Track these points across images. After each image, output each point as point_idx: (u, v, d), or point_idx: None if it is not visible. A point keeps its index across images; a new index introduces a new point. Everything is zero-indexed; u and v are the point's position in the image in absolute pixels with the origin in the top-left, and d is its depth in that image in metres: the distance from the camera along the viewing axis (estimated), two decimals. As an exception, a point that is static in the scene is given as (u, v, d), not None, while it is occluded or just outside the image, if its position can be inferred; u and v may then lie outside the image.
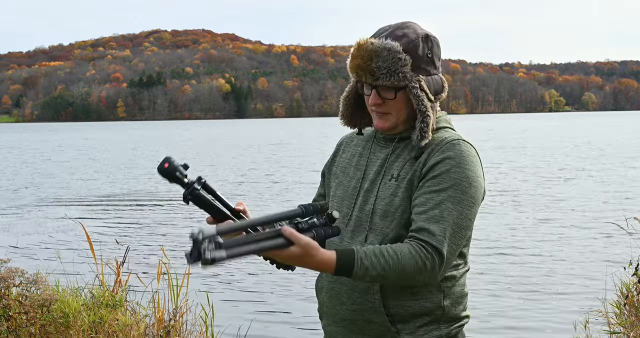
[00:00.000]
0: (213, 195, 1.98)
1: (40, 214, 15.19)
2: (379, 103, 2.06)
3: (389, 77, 2.00)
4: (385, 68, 2.00)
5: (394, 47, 2.00)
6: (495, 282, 8.47)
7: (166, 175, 1.90)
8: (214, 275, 9.09)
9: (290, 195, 17.69)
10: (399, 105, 2.06)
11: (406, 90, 2.04)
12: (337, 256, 1.87)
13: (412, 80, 2.02)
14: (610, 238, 10.78)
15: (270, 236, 1.78)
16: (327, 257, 1.85)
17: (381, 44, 2.00)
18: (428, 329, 2.05)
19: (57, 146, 50.85)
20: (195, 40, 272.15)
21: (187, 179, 1.92)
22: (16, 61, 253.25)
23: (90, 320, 4.45)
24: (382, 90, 2.04)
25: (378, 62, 2.00)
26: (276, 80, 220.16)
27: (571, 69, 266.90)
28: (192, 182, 1.92)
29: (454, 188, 1.97)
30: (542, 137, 49.83)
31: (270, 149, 41.37)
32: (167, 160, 1.89)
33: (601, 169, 23.66)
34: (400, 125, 2.10)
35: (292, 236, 1.79)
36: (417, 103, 2.03)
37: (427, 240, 1.93)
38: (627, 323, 4.78)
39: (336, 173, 2.25)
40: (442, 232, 1.93)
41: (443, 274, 1.97)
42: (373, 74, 2.01)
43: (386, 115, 2.08)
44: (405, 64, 2.00)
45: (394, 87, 2.03)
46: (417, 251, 1.91)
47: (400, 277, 1.90)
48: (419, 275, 1.92)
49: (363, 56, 2.01)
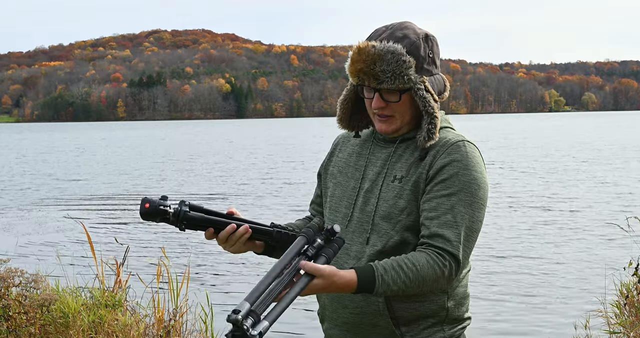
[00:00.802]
0: (203, 212, 1.96)
1: (40, 214, 15.19)
2: (382, 106, 2.03)
3: (393, 80, 1.98)
4: (389, 71, 1.97)
5: (398, 50, 1.98)
6: (495, 283, 8.47)
7: (151, 215, 1.88)
8: (214, 276, 9.09)
9: (290, 195, 17.68)
10: (402, 108, 2.04)
11: (410, 92, 2.02)
12: (358, 275, 1.85)
13: (416, 82, 2.00)
14: (610, 239, 10.78)
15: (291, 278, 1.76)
16: (348, 279, 1.84)
17: (384, 47, 1.98)
18: (432, 331, 2.04)
19: (57, 146, 50.84)
20: (195, 40, 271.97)
21: (172, 208, 1.90)
22: (16, 61, 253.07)
23: (90, 320, 4.45)
24: (385, 93, 2.02)
25: (382, 66, 1.97)
26: (276, 80, 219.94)
27: (571, 69, 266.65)
28: (178, 209, 1.91)
29: (464, 191, 1.96)
30: (542, 138, 49.80)
31: (269, 149, 41.37)
32: (145, 201, 1.88)
33: (601, 168, 23.65)
34: (404, 127, 2.08)
35: (313, 270, 1.77)
36: (424, 104, 2.01)
37: (444, 247, 1.92)
38: (627, 324, 4.77)
39: (333, 173, 2.23)
40: (457, 238, 1.92)
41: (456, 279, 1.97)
42: (377, 78, 1.99)
43: (390, 118, 2.06)
44: (410, 66, 1.98)
45: (399, 90, 2.01)
46: (435, 260, 1.90)
47: (420, 287, 1.91)
48: (437, 283, 1.93)
49: (365, 60, 1.99)
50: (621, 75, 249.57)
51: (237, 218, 2.02)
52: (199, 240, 11.21)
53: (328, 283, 1.80)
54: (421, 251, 1.92)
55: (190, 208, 1.92)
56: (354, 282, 1.84)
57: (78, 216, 14.39)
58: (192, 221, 1.92)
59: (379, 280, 1.85)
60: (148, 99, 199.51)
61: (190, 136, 67.81)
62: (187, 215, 1.91)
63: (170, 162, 31.17)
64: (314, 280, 1.78)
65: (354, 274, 1.85)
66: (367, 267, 1.87)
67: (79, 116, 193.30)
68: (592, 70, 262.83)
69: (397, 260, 1.89)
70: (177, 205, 1.91)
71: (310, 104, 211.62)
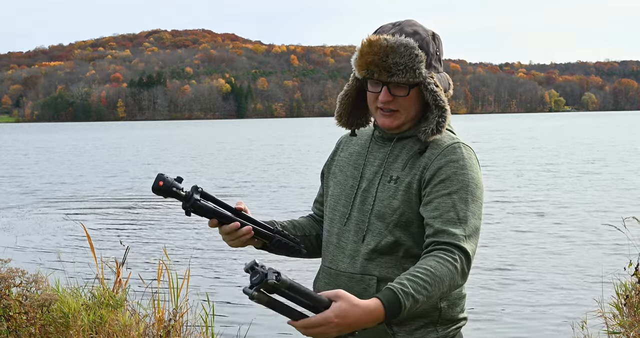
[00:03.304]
0: (213, 201, 1.99)
1: (40, 214, 15.20)
2: (389, 100, 2.03)
3: (405, 73, 1.98)
4: (402, 64, 1.98)
5: (410, 43, 1.99)
6: (494, 283, 8.48)
7: (162, 193, 1.89)
8: (215, 277, 9.10)
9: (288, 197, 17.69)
10: (408, 103, 2.05)
11: (418, 87, 2.03)
12: (379, 298, 1.77)
13: (426, 76, 2.01)
14: (610, 239, 10.78)
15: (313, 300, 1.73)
16: (369, 303, 1.75)
17: (397, 40, 1.98)
18: (425, 332, 2.03)
19: (56, 147, 50.84)
20: (195, 40, 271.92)
21: (184, 192, 1.91)
22: (16, 61, 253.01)
23: (90, 320, 4.46)
24: (393, 87, 2.03)
25: (395, 58, 1.98)
26: (276, 80, 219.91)
27: (571, 69, 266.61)
28: (190, 193, 1.92)
29: (463, 190, 1.97)
30: (542, 137, 49.78)
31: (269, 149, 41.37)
32: (160, 178, 1.88)
33: (601, 169, 23.65)
34: (408, 123, 2.08)
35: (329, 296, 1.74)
36: (434, 98, 2.01)
37: (450, 241, 1.90)
38: (626, 324, 4.78)
39: (335, 172, 2.24)
40: (462, 232, 1.92)
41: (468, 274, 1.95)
42: (389, 70, 1.98)
43: (394, 113, 2.06)
44: (421, 60, 1.99)
45: (408, 84, 2.01)
46: (444, 258, 1.87)
47: (440, 288, 1.84)
48: (454, 281, 1.88)
49: (377, 52, 1.98)
50: (621, 75, 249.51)
51: (243, 215, 2.05)
52: (199, 240, 11.22)
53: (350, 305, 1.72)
54: (427, 256, 1.90)
55: (201, 195, 1.94)
56: (379, 304, 1.75)
57: (78, 216, 14.41)
58: (199, 209, 1.94)
59: (401, 295, 1.76)
60: (148, 99, 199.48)
61: (190, 136, 67.81)
62: (197, 204, 1.93)
63: (170, 162, 31.19)
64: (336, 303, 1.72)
65: (374, 299, 1.77)
66: (384, 290, 1.79)
67: (79, 116, 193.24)
68: (592, 70, 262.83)
69: (409, 272, 1.84)
70: (190, 191, 1.93)
71: (310, 104, 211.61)
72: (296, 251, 2.16)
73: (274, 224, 2.19)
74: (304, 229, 2.29)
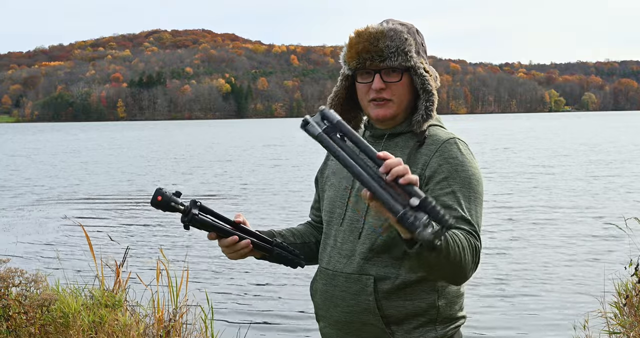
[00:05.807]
0: (212, 215, 2.00)
1: (40, 214, 15.19)
2: (382, 87, 2.03)
3: (397, 56, 1.99)
4: (394, 47, 1.99)
5: (399, 28, 2.01)
6: (494, 282, 8.47)
7: (161, 207, 1.91)
8: (214, 277, 9.10)
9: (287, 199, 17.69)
10: (401, 90, 2.04)
11: (409, 73, 2.03)
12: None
13: (417, 61, 2.03)
14: (610, 239, 10.77)
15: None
16: None
17: (386, 26, 2.01)
18: (423, 330, 2.03)
19: (56, 146, 50.84)
20: (195, 40, 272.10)
21: (183, 206, 1.93)
22: (16, 61, 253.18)
23: (90, 320, 4.45)
24: (386, 74, 2.03)
25: (386, 42, 1.99)
26: (276, 80, 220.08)
27: (571, 69, 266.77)
28: (188, 208, 1.93)
29: (465, 187, 1.97)
30: (542, 138, 49.80)
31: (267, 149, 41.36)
32: (159, 193, 1.90)
33: (602, 168, 23.65)
34: (401, 114, 2.08)
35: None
36: (422, 82, 2.02)
37: (463, 227, 1.88)
38: (627, 324, 4.77)
39: (328, 175, 2.25)
40: (471, 228, 1.91)
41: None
42: (381, 54, 1.99)
43: (387, 102, 2.05)
44: (411, 44, 2.02)
45: (400, 68, 2.01)
46: (465, 235, 1.85)
47: (463, 254, 1.78)
48: (472, 257, 1.82)
49: (368, 39, 2.00)
50: (621, 75, 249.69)
51: (242, 228, 2.07)
52: (199, 240, 11.21)
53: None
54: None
55: (200, 209, 1.96)
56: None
57: (78, 216, 14.40)
58: (198, 224, 1.96)
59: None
60: (148, 99, 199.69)
61: (189, 136, 67.81)
62: (195, 218, 1.94)
63: (171, 162, 31.18)
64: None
65: None
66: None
67: (79, 116, 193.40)
68: (592, 70, 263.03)
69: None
70: (188, 205, 1.94)
71: (310, 104, 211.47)
72: (295, 263, 2.18)
73: (273, 235, 2.19)
74: (303, 237, 2.29)
